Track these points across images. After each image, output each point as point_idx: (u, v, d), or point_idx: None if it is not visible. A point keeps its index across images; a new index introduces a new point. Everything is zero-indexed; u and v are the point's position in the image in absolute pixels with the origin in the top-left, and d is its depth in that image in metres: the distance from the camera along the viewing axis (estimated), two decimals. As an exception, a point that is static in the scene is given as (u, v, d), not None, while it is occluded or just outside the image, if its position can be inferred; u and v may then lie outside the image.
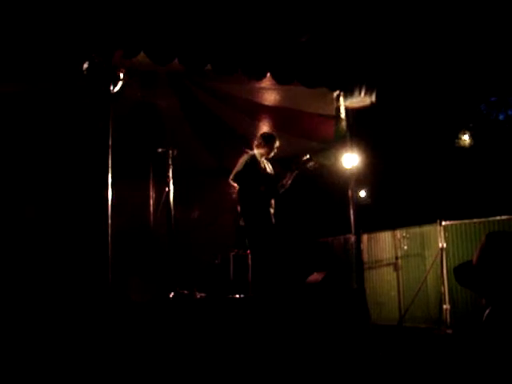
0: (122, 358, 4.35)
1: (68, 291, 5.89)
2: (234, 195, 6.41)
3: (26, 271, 6.59)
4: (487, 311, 2.03)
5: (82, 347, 4.41)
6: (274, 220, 6.46)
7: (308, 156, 6.41)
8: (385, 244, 9.25)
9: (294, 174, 6.36)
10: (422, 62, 13.01)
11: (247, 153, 6.31)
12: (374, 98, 6.27)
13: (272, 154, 6.47)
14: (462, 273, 2.18)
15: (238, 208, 6.44)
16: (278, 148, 6.47)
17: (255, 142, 6.46)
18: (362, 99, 6.29)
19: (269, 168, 6.58)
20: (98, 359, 4.29)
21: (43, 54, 4.89)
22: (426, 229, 8.56)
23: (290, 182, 6.41)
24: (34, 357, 4.42)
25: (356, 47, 7.29)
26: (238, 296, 5.48)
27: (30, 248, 6.95)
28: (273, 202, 6.49)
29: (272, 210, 6.46)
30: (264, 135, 6.49)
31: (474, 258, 2.11)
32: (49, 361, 4.38)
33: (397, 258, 8.97)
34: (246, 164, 6.21)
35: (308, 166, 6.42)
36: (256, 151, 6.41)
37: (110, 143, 4.75)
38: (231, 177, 6.26)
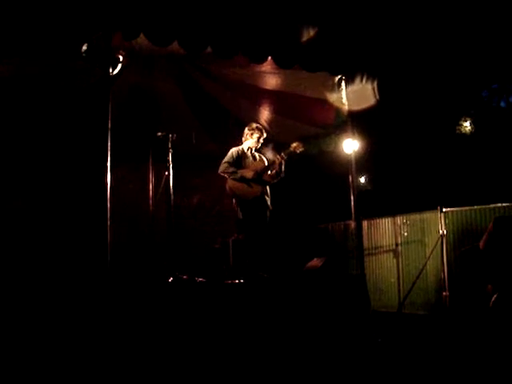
0: (120, 342, 4.34)
1: (67, 274, 5.89)
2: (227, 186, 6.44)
3: (26, 253, 6.59)
4: (494, 297, 2.00)
5: (82, 330, 4.40)
6: (271, 207, 6.48)
7: (296, 143, 6.42)
8: (385, 230, 9.20)
9: (283, 162, 6.43)
10: (423, 47, 12.91)
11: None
12: (377, 92, 6.26)
13: (259, 145, 6.64)
14: (468, 258, 2.14)
15: (233, 199, 6.50)
16: (264, 139, 6.64)
17: (243, 135, 6.65)
18: (363, 86, 6.26)
19: (260, 158, 6.68)
20: (96, 343, 4.28)
21: (42, 36, 4.83)
22: (427, 215, 8.50)
23: (283, 169, 6.46)
24: (33, 342, 4.42)
25: (357, 32, 7.24)
26: (237, 281, 5.47)
27: (30, 230, 6.94)
28: (268, 189, 6.51)
29: (267, 198, 6.47)
30: (249, 128, 6.64)
31: (482, 243, 2.08)
32: (48, 344, 4.38)
33: (397, 244, 8.93)
34: (233, 156, 6.47)
35: (298, 152, 6.48)
36: (244, 144, 6.65)
37: (110, 126, 4.70)
38: (220, 169, 6.45)
